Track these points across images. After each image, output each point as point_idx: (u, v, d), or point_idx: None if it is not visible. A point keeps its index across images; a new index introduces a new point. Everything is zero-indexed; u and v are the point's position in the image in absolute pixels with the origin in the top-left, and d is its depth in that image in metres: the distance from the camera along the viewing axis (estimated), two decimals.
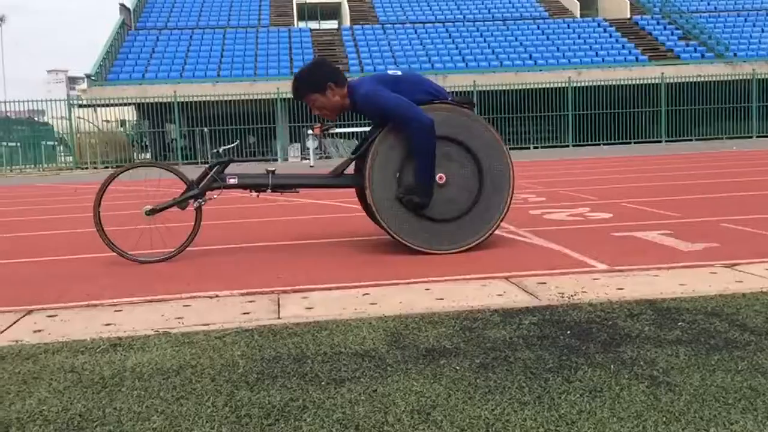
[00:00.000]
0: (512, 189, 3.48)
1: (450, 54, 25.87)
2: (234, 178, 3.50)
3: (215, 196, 3.55)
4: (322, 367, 1.76)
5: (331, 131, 17.21)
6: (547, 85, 23.57)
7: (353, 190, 3.83)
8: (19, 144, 24.87)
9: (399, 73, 3.52)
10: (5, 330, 2.24)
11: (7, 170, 22.50)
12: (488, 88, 23.33)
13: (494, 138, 3.45)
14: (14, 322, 2.33)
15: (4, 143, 24.45)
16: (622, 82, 23.77)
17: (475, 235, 3.41)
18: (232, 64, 25.30)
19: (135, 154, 26.57)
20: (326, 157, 22.40)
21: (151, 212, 3.46)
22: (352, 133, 21.63)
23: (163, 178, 3.67)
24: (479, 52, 26.02)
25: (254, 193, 3.58)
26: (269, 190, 3.53)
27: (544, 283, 2.64)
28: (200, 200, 3.48)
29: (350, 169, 3.69)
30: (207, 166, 3.57)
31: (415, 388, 1.59)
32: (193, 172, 3.61)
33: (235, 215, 5.60)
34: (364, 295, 2.57)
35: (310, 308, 2.40)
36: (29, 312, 2.48)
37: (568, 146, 23.45)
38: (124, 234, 4.01)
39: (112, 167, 22.12)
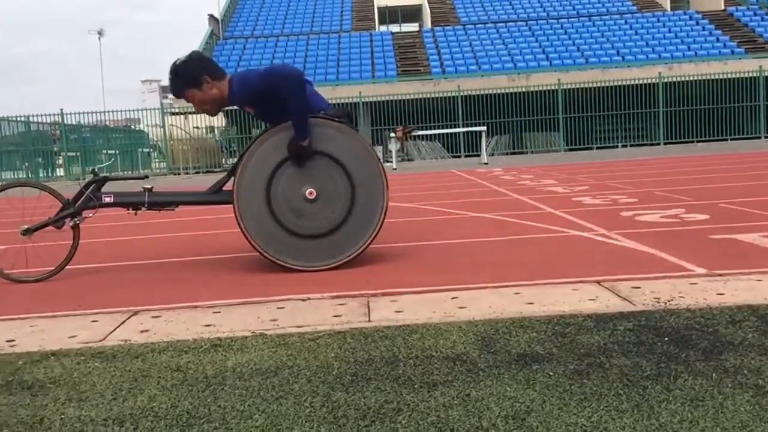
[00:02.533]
0: (386, 203, 3.35)
1: (533, 53, 25.46)
2: (110, 196, 3.50)
3: (91, 215, 3.57)
4: (415, 371, 1.78)
5: (413, 133, 17.25)
6: (636, 82, 22.80)
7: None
8: (117, 151, 26.19)
9: None
10: (115, 330, 2.38)
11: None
12: (574, 87, 22.81)
13: (366, 151, 3.34)
14: (122, 323, 2.47)
15: (104, 151, 25.81)
16: (716, 77, 22.72)
17: (348, 250, 3.31)
18: (315, 69, 25.78)
19: (224, 159, 27.47)
20: (408, 160, 22.46)
21: (27, 232, 3.47)
22: (434, 135, 21.64)
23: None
24: (564, 49, 25.47)
25: (132, 211, 3.53)
26: (145, 208, 3.48)
27: (639, 287, 2.58)
28: (76, 219, 3.48)
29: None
30: (83, 184, 3.54)
31: (508, 393, 1.59)
32: None
33: None
34: (452, 298, 2.58)
35: (399, 311, 2.43)
36: (135, 313, 2.62)
37: (659, 144, 22.62)
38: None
39: (202, 172, 22.94)
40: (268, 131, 3.33)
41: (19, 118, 23.50)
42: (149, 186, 3.51)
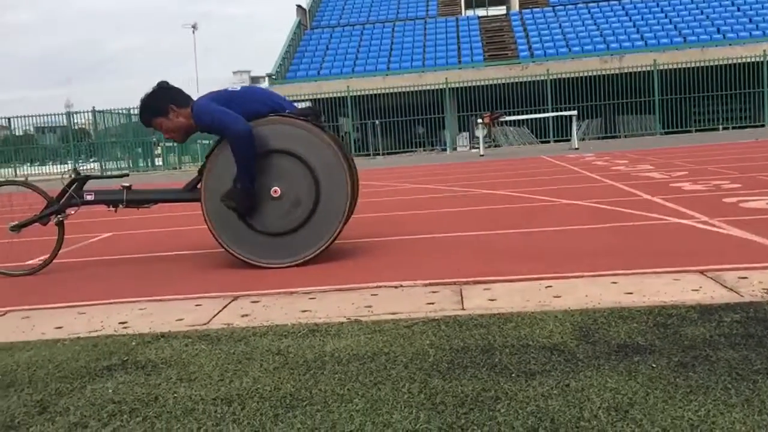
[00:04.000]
0: (349, 199, 3.35)
1: (627, 32, 24.54)
2: (91, 194, 3.65)
3: (73, 212, 3.71)
4: (511, 359, 1.78)
5: (501, 119, 17.02)
6: (739, 61, 21.59)
7: None
8: (211, 141, 27.15)
9: (237, 88, 3.53)
10: (217, 314, 2.48)
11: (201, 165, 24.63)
12: (670, 67, 21.84)
13: (331, 150, 3.33)
14: (224, 307, 2.58)
15: (199, 140, 26.80)
16: None
17: (311, 248, 3.33)
18: (401, 57, 25.80)
19: None
20: (496, 146, 22.19)
21: (16, 228, 3.64)
22: (523, 120, 21.27)
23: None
24: (660, 28, 24.42)
25: (111, 208, 3.67)
26: (123, 206, 3.63)
27: (746, 277, 2.46)
28: (60, 216, 3.64)
29: None
30: (66, 183, 3.69)
31: (609, 384, 1.56)
32: (362, 163, 3.73)
33: (413, 206, 5.73)
34: (546, 287, 2.54)
35: (492, 300, 2.42)
36: (235, 298, 2.72)
37: (763, 125, 21.38)
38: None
39: None
40: None
41: (120, 111, 24.72)
42: (128, 184, 3.67)
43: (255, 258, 3.36)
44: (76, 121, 25.01)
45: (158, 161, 25.75)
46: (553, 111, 20.51)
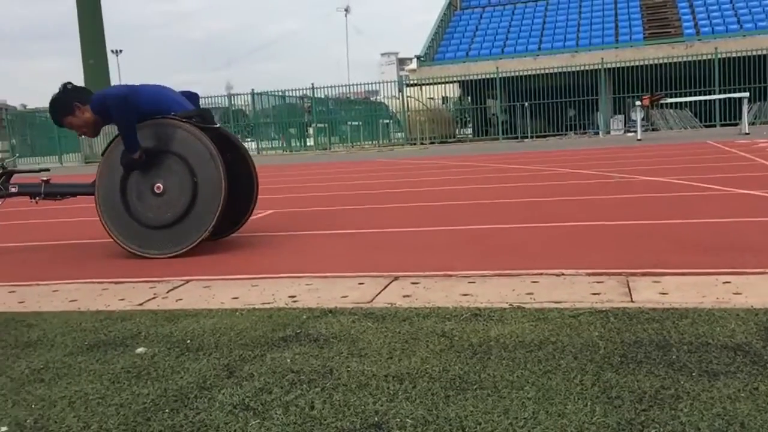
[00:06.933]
0: (224, 196, 3.52)
1: None
2: (15, 187, 4.04)
3: (0, 202, 4.09)
4: (690, 357, 1.69)
5: (661, 101, 16.08)
6: None
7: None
8: (360, 123, 27.80)
9: (138, 84, 3.71)
10: (380, 293, 2.55)
11: (349, 146, 25.36)
12: None
13: (207, 150, 3.55)
14: (385, 287, 2.64)
15: (348, 122, 27.54)
16: None
17: (191, 238, 3.54)
18: (554, 36, 25.01)
19: (458, 130, 27.89)
20: (653, 130, 21.01)
21: None
22: (685, 103, 19.94)
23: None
24: None
25: (33, 200, 4.03)
26: (41, 198, 3.99)
27: None
28: None
29: None
30: None
31: None
32: (511, 146, 3.66)
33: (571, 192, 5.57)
34: (724, 283, 2.38)
35: (664, 293, 2.31)
36: (395, 278, 2.78)
37: None
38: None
39: (437, 143, 23.52)
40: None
41: (276, 93, 25.88)
42: (46, 178, 4.05)
43: (138, 248, 3.61)
44: (235, 102, 26.43)
45: (310, 141, 26.74)
46: (720, 93, 19.06)
